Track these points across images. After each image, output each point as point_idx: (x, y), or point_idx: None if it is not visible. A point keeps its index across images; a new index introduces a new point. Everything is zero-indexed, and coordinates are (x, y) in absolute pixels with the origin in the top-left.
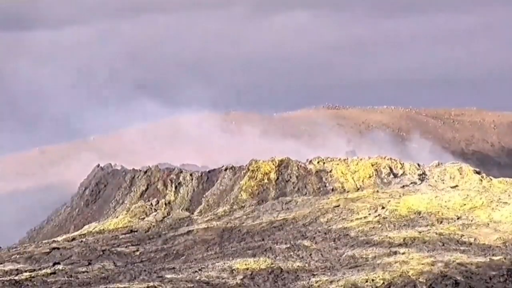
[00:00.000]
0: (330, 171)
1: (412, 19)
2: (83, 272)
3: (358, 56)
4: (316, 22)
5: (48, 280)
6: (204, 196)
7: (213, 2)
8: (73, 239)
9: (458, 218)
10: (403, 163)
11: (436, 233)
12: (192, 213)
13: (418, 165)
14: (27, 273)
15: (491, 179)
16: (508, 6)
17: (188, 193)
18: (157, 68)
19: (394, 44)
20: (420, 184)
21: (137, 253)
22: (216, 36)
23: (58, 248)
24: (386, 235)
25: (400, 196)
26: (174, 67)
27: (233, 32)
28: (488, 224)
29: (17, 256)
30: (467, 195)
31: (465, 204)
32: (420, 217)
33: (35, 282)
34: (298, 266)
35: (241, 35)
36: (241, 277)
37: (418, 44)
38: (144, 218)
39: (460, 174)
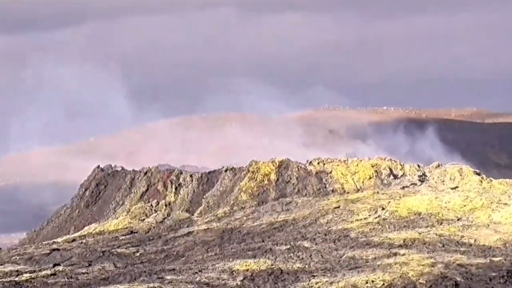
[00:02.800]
0: (330, 172)
1: (410, 20)
2: (83, 273)
3: (357, 58)
4: (312, 23)
5: (48, 281)
6: (204, 197)
7: (203, 3)
8: (73, 240)
9: (458, 219)
10: (403, 164)
11: (436, 234)
12: (192, 214)
13: (418, 166)
14: (27, 274)
15: (491, 180)
16: (507, 7)
17: (188, 194)
18: (149, 70)
19: (393, 45)
20: (420, 185)
21: (137, 254)
22: (207, 38)
23: (58, 249)
24: (386, 236)
25: (400, 197)
26: (168, 68)
27: (223, 33)
28: (488, 225)
29: (17, 257)
30: (467, 196)
31: (465, 205)
32: (420, 218)
33: (35, 283)
34: (298, 267)
35: (232, 36)
36: (241, 278)
37: (417, 45)
38: (144, 219)
39: (460, 175)
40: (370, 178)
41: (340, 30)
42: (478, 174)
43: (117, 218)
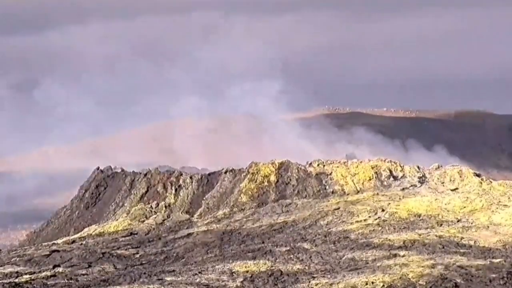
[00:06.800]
0: (330, 174)
1: (410, 20)
2: (83, 274)
3: (358, 58)
4: (310, 23)
5: (48, 283)
6: (204, 198)
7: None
8: (73, 241)
9: (458, 221)
10: (403, 166)
11: (436, 236)
12: (192, 216)
13: (418, 167)
14: (27, 276)
15: (491, 182)
16: (508, 7)
17: (188, 196)
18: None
19: (393, 46)
20: (420, 186)
21: (137, 255)
22: (203, 39)
23: (58, 251)
24: (386, 238)
25: (400, 198)
26: (164, 69)
27: (219, 33)
28: (488, 226)
29: (17, 259)
30: (467, 197)
31: (465, 207)
32: (420, 220)
33: (35, 285)
34: (298, 268)
35: (228, 36)
36: (241, 279)
37: (417, 46)
38: (144, 220)
39: (460, 176)
40: (370, 179)
41: (337, 30)
42: (478, 175)
43: (117, 219)
